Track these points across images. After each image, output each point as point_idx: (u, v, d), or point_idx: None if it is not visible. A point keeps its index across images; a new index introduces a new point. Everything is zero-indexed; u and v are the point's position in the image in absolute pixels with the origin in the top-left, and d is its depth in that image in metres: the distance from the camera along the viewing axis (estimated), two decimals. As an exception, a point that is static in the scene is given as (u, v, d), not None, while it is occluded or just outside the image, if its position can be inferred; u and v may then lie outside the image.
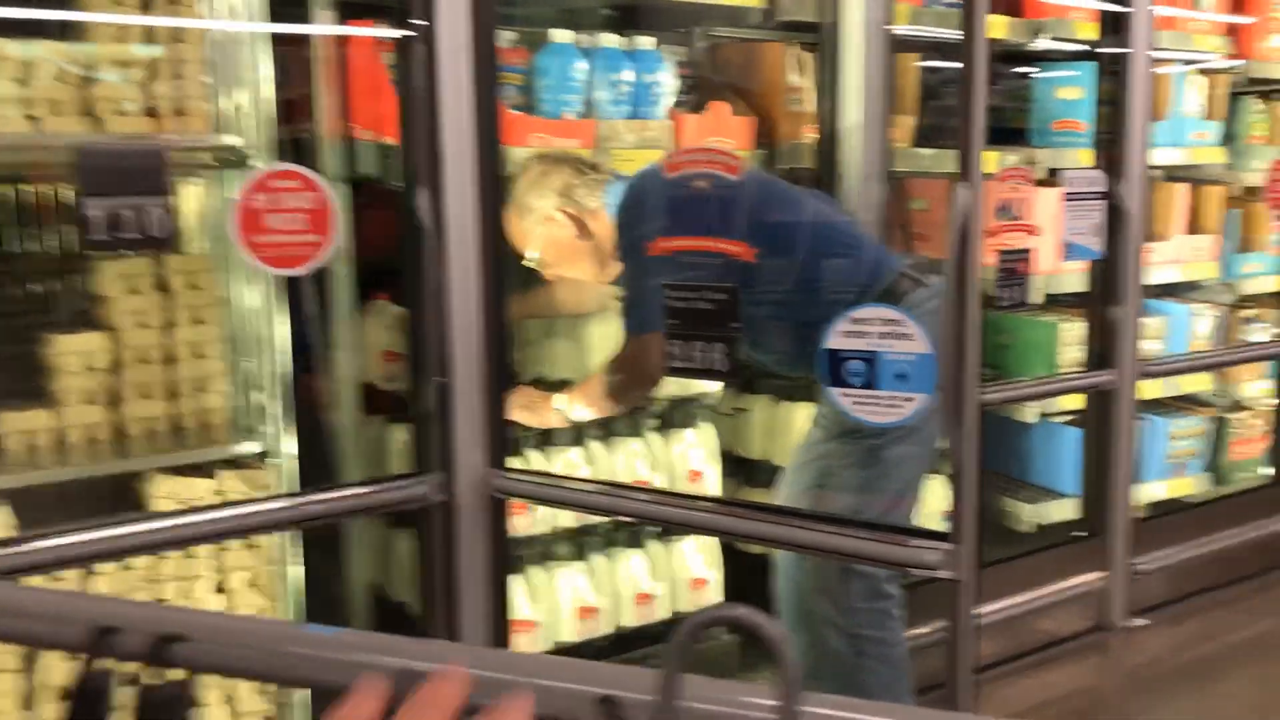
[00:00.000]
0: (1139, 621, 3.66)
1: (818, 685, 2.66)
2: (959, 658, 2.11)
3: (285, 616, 2.53)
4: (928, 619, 2.67)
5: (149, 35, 2.38)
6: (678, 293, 2.05)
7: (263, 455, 2.50)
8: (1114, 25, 3.49)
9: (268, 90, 2.44)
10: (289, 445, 2.49)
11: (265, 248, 2.06)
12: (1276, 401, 4.28)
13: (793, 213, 2.61)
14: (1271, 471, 4.26)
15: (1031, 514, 3.76)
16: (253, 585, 2.47)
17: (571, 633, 2.85)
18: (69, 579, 2.27)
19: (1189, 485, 4.12)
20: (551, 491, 2.46)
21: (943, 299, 2.24)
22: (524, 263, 2.74)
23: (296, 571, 2.57)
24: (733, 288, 2.03)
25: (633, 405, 2.84)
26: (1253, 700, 3.28)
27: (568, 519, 2.83)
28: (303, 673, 0.76)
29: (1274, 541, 4.11)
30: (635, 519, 2.80)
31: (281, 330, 2.51)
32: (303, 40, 2.64)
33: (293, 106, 2.67)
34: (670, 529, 3.02)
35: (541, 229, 2.67)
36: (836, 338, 1.93)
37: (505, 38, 2.74)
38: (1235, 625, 3.71)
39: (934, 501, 3.05)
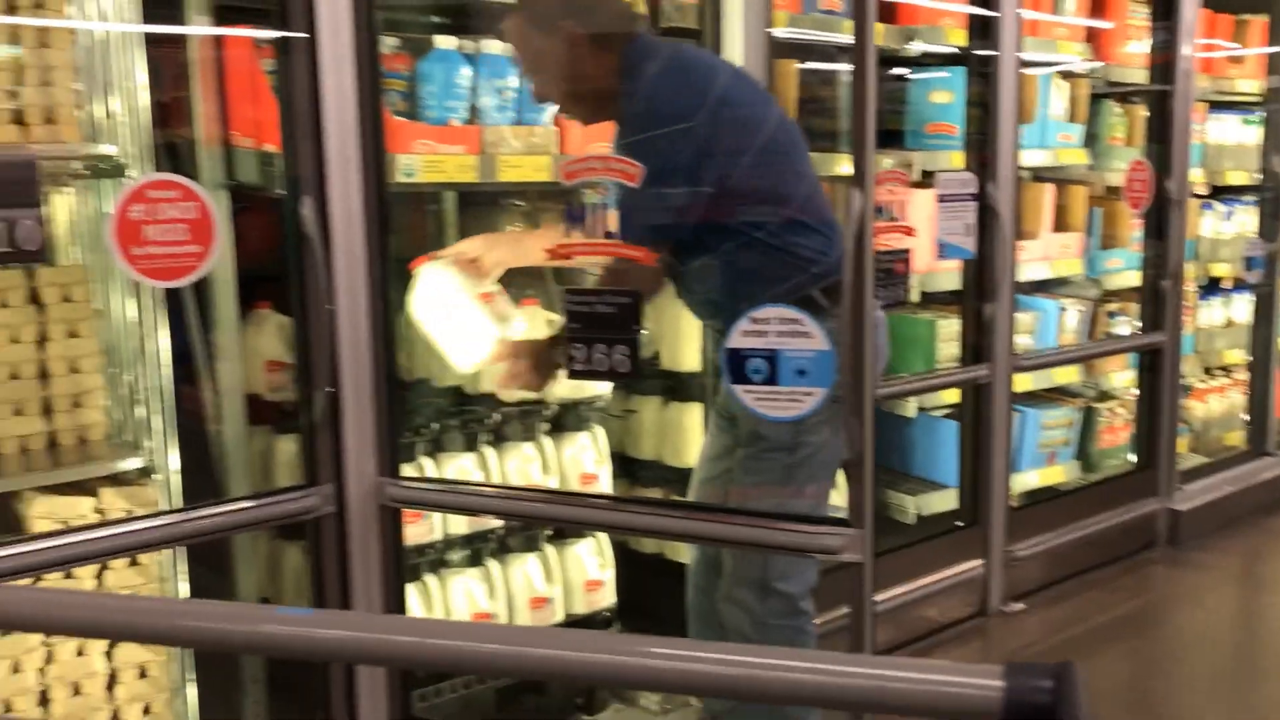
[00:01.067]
0: (1017, 606, 3.80)
1: (726, 699, 2.67)
2: (861, 640, 2.19)
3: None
4: (820, 611, 2.73)
5: (14, 38, 2.30)
6: (578, 298, 2.08)
7: (146, 471, 2.43)
8: (982, 30, 3.62)
9: (143, 96, 2.38)
10: (173, 460, 2.43)
11: (145, 260, 2.02)
12: (1139, 391, 4.48)
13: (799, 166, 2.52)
14: (1136, 458, 4.47)
15: (914, 505, 3.88)
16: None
17: (467, 639, 2.84)
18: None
19: (1060, 473, 4.29)
20: (449, 498, 2.46)
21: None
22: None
23: (184, 589, 2.51)
24: (635, 292, 2.07)
25: None
26: (1125, 675, 3.44)
27: (461, 525, 2.82)
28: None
29: (1140, 524, 4.31)
30: (540, 521, 2.80)
31: (163, 342, 2.45)
32: (178, 44, 2.58)
33: (168, 112, 2.61)
34: (565, 531, 3.03)
35: (562, 54, 2.42)
36: (736, 337, 2.00)
37: (388, 44, 2.72)
38: (1106, 605, 3.88)
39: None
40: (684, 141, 2.29)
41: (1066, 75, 4.25)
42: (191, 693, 2.59)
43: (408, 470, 2.62)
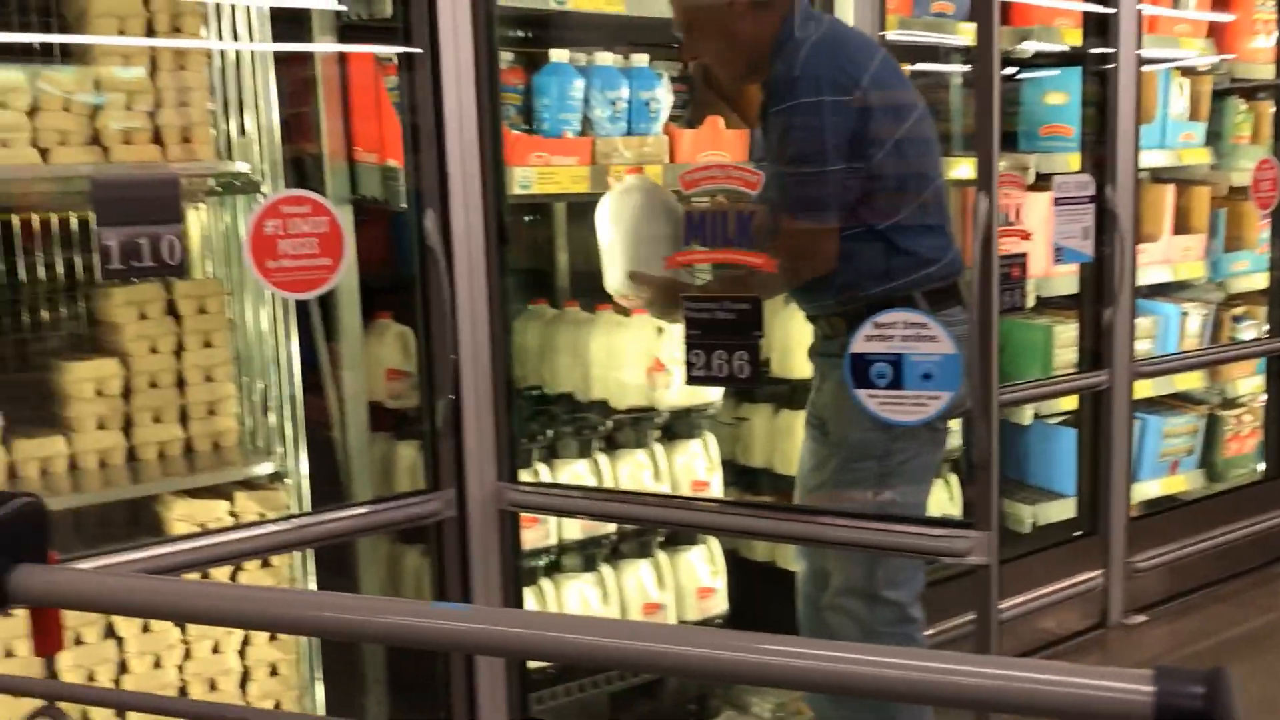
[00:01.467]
0: (1138, 618, 3.71)
1: (838, 710, 2.65)
2: (987, 644, 2.23)
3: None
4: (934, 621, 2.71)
5: (153, 63, 2.41)
6: (697, 304, 2.09)
7: (277, 476, 2.53)
8: (1099, 28, 3.55)
9: (273, 114, 2.48)
10: (302, 465, 2.52)
11: (279, 273, 2.10)
12: (1268, 398, 4.33)
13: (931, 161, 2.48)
14: (1265, 467, 4.31)
15: (1030, 514, 3.81)
16: (268, 604, 2.50)
17: (582, 643, 2.89)
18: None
19: (1183, 483, 4.17)
20: (567, 502, 2.50)
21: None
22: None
23: (311, 590, 2.59)
24: (755, 299, 2.07)
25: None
26: (1255, 693, 3.32)
27: (575, 531, 2.87)
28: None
29: (1270, 536, 4.16)
30: (656, 524, 2.83)
31: (293, 351, 2.54)
32: (304, 63, 2.67)
33: (295, 129, 2.70)
34: (677, 538, 3.05)
35: (721, 9, 2.36)
36: (860, 342, 2.00)
37: (503, 58, 2.78)
38: (1234, 620, 3.76)
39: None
40: (835, 116, 2.24)
41: (1187, 72, 4.14)
42: (319, 691, 2.67)
43: (524, 476, 2.67)
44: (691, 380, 2.18)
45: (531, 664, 2.72)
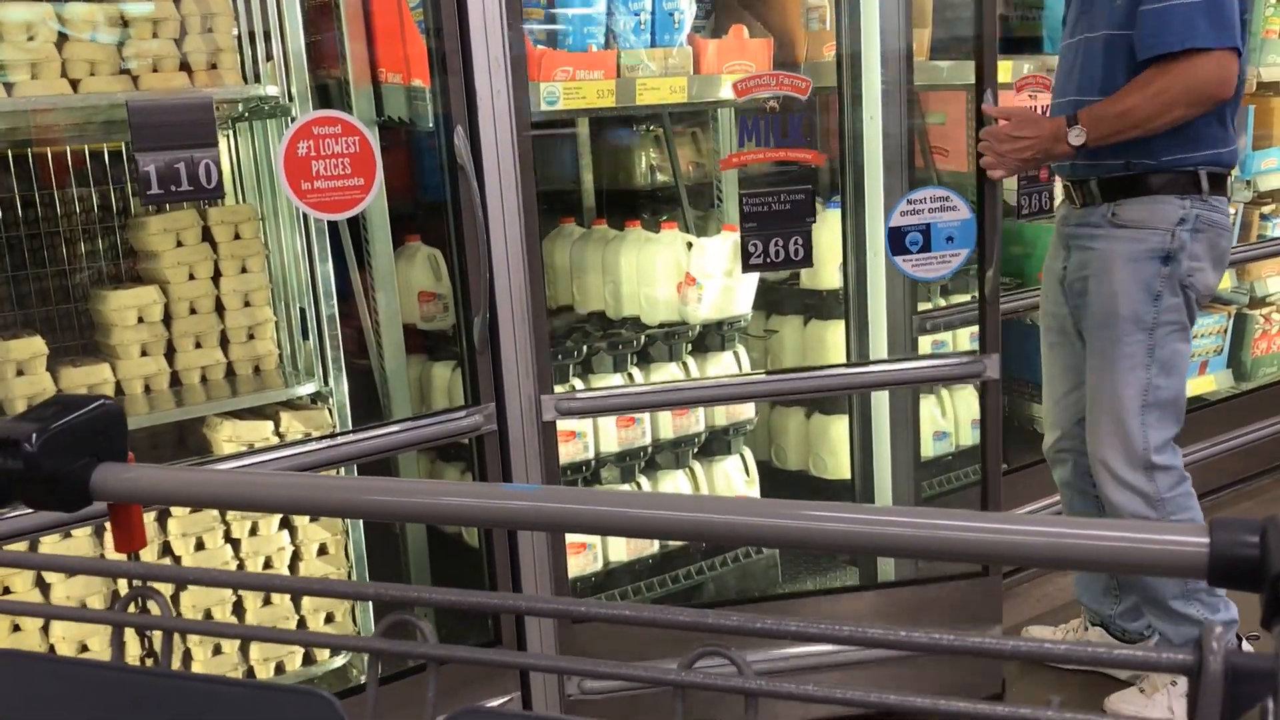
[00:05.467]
0: (1168, 516, 3.74)
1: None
2: (998, 458, 2.59)
3: (349, 550, 2.63)
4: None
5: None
6: (755, 198, 2.32)
7: (318, 397, 2.57)
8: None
9: (299, 39, 2.48)
10: (342, 387, 2.56)
11: (314, 194, 2.12)
12: (1297, 295, 4.32)
13: None
14: (1293, 365, 4.32)
15: (1056, 417, 3.82)
16: (316, 520, 2.56)
17: (621, 552, 2.95)
18: (145, 519, 2.35)
19: (1211, 382, 4.18)
20: (609, 402, 2.58)
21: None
22: None
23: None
24: (808, 189, 2.25)
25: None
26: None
27: (612, 444, 2.91)
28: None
29: (1298, 433, 4.18)
30: (699, 404, 2.98)
31: (327, 275, 2.57)
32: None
33: (320, 52, 2.70)
34: (711, 449, 3.10)
35: None
36: (895, 217, 2.37)
37: (525, -28, 2.76)
38: (1261, 517, 3.78)
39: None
40: None
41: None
42: (369, 607, 2.74)
43: (561, 390, 2.71)
44: (748, 268, 2.44)
45: (573, 574, 2.79)
